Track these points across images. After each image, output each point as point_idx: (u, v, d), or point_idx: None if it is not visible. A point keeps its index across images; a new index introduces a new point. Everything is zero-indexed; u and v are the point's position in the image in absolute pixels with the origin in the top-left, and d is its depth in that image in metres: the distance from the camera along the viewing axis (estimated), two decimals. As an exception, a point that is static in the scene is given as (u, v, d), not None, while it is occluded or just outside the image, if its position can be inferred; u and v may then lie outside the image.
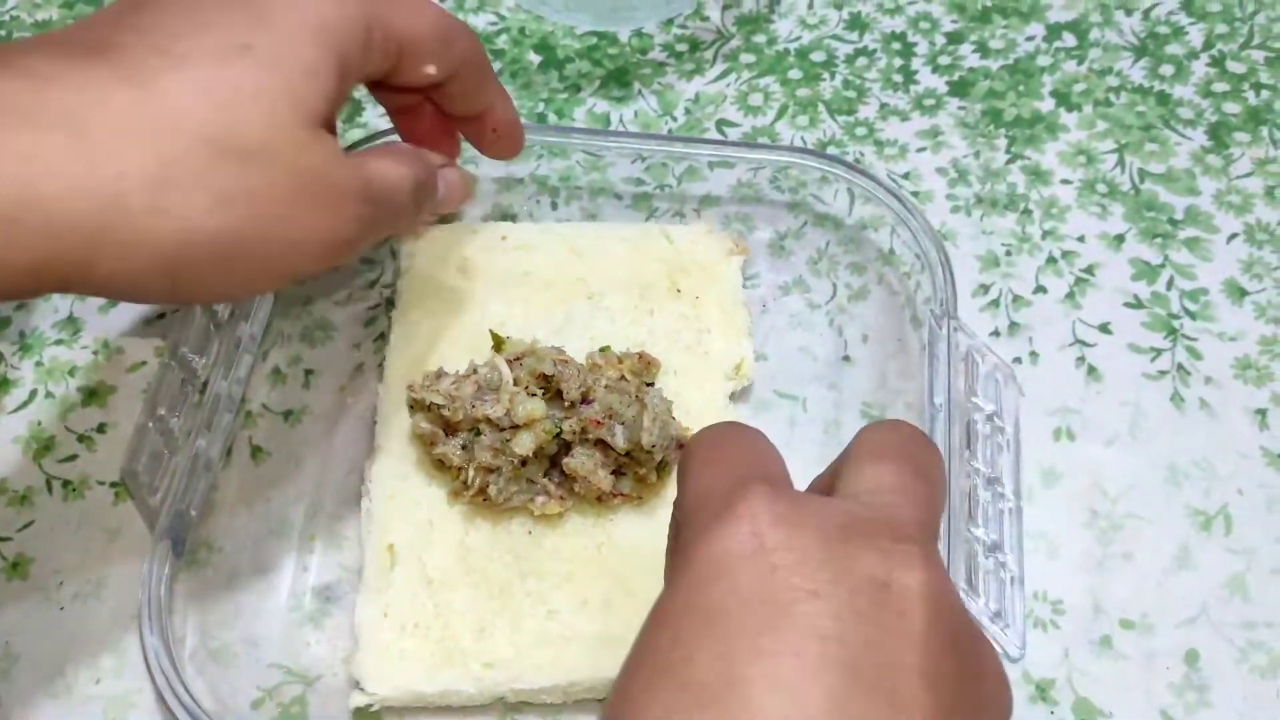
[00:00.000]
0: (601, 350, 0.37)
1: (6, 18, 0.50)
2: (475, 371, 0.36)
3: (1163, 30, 0.47)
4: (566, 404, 0.35)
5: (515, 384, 0.35)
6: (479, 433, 0.34)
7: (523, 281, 0.40)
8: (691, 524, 0.25)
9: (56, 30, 0.29)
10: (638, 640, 0.23)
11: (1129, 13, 0.48)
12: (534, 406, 0.34)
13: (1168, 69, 0.46)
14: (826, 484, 0.27)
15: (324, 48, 0.28)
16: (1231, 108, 0.45)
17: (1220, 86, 0.46)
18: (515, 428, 0.34)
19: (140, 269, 0.26)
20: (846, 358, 0.39)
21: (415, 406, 0.36)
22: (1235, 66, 0.46)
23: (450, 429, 0.35)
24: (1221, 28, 0.47)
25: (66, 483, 0.38)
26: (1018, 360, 0.39)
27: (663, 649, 0.23)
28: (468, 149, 0.38)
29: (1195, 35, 0.47)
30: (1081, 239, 0.42)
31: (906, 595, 0.23)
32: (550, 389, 0.35)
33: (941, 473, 0.27)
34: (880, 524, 0.24)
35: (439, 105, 0.35)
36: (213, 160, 0.26)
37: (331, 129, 0.29)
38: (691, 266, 0.40)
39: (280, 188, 0.27)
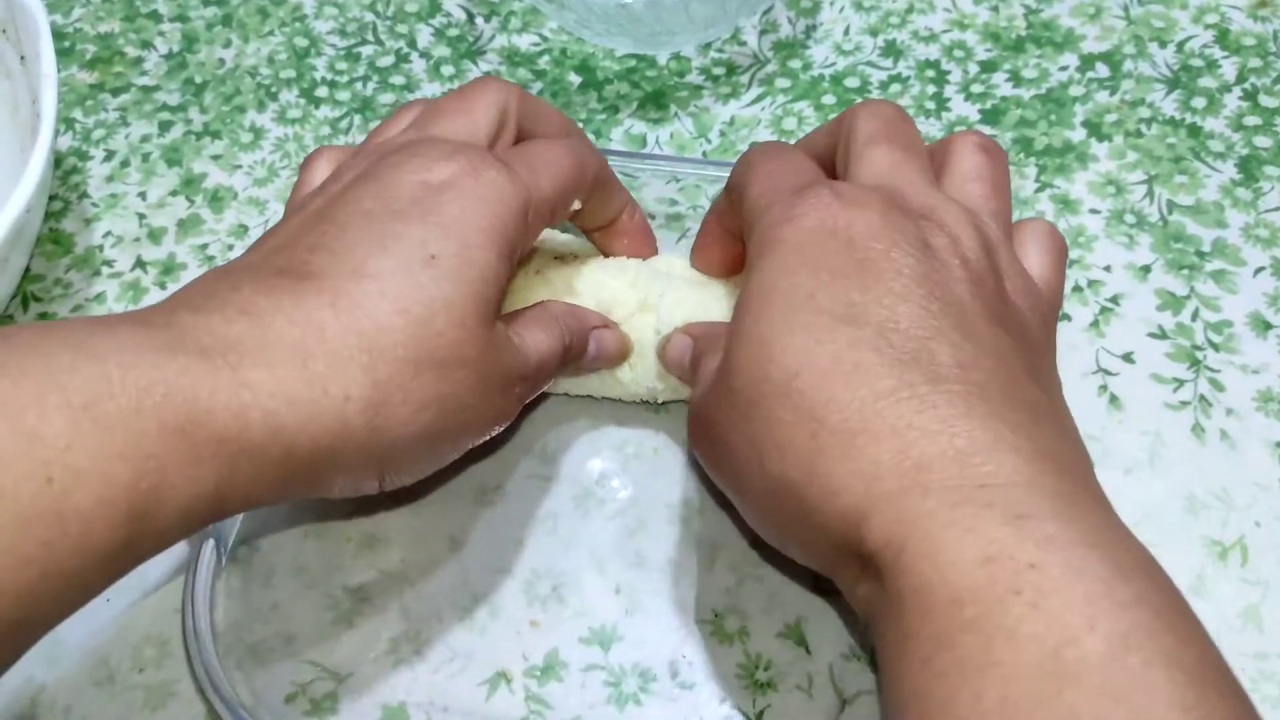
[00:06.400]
0: None
1: (70, 29, 0.52)
2: None
3: (1196, 63, 0.48)
4: None
5: None
6: None
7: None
8: (768, 214, 0.31)
9: (253, 251, 0.32)
10: (751, 296, 0.30)
11: (1163, 45, 0.48)
12: None
13: (1200, 101, 0.47)
14: (825, 148, 0.35)
15: (496, 245, 0.31)
16: (1263, 141, 0.45)
17: (1252, 120, 0.46)
18: None
19: (360, 477, 0.30)
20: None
21: None
22: (1268, 100, 0.47)
23: None
24: (1255, 62, 0.48)
25: (115, 479, 0.39)
26: (1040, 387, 0.40)
27: (784, 291, 0.29)
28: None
29: (1229, 69, 0.48)
30: (1108, 268, 0.43)
31: (942, 250, 0.30)
32: None
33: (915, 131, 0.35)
34: (906, 199, 0.31)
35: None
36: (416, 375, 0.29)
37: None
38: None
39: (467, 387, 0.30)
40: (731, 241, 0.37)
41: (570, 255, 0.39)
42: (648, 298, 0.37)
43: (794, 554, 0.30)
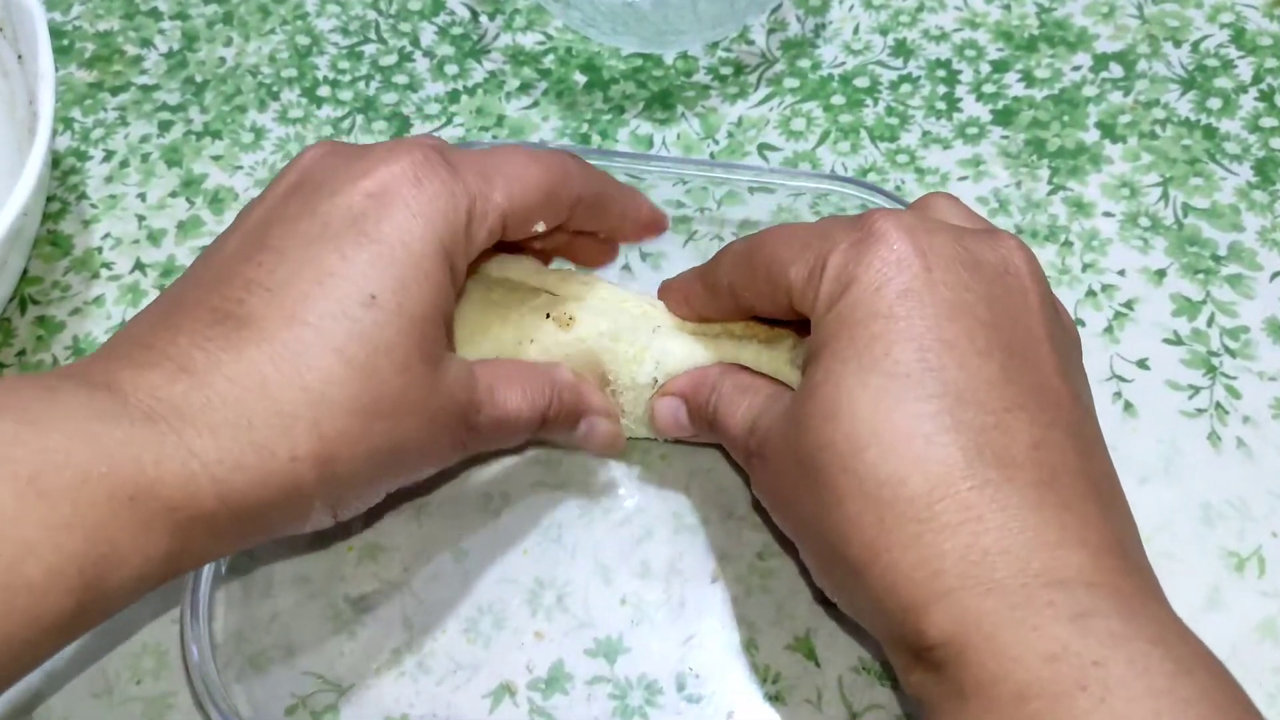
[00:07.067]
0: None
1: (69, 27, 0.51)
2: None
3: (1211, 63, 0.47)
4: None
5: None
6: None
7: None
8: (835, 252, 0.29)
9: (196, 270, 0.31)
10: (823, 347, 0.29)
11: (1177, 45, 0.48)
12: None
13: (1215, 102, 0.46)
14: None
15: (436, 268, 0.30)
16: (1279, 143, 0.45)
17: (1268, 121, 0.45)
18: None
19: (314, 521, 0.30)
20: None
21: None
22: (1284, 101, 0.46)
23: None
24: (1271, 62, 0.47)
25: (114, 486, 0.39)
26: (1053, 393, 0.39)
27: (859, 347, 0.28)
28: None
29: (1244, 69, 0.47)
30: (1122, 273, 0.42)
31: (1020, 274, 0.29)
32: None
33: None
34: (970, 225, 0.31)
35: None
36: (362, 426, 0.28)
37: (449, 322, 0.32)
38: None
39: (413, 430, 0.30)
40: (713, 300, 0.35)
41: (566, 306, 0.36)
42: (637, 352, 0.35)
43: (847, 610, 0.30)
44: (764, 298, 0.32)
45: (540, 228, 0.33)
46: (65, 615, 0.25)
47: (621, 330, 0.35)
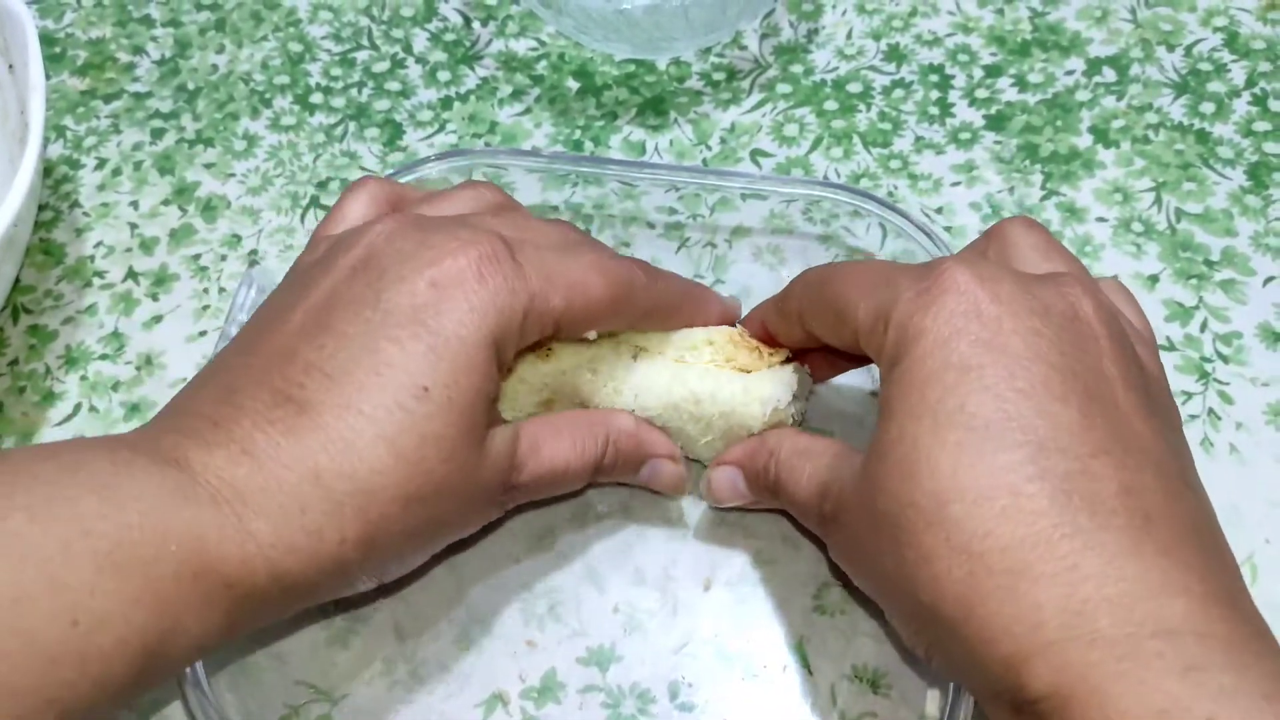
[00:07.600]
0: None
1: (61, 34, 0.51)
2: None
3: (1204, 67, 0.47)
4: None
5: None
6: None
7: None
8: (900, 302, 0.29)
9: (252, 357, 0.31)
10: (895, 403, 0.28)
11: (1171, 49, 0.48)
12: None
13: (1208, 107, 0.46)
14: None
15: (488, 360, 0.31)
16: (1272, 147, 0.45)
17: (1261, 126, 0.45)
18: None
19: (354, 588, 0.31)
20: (874, 393, 0.40)
21: None
22: (1278, 105, 0.46)
23: None
24: (1265, 66, 0.47)
25: (106, 495, 0.39)
26: (1046, 400, 0.39)
27: (932, 402, 0.27)
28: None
29: (1238, 73, 0.47)
30: (1115, 278, 0.42)
31: (1090, 321, 0.29)
32: None
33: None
34: (1043, 257, 0.31)
35: None
36: (405, 509, 0.30)
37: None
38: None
39: (453, 509, 0.31)
40: (783, 325, 0.35)
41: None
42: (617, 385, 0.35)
43: (942, 669, 0.29)
44: (830, 332, 0.33)
45: (592, 336, 0.34)
46: (128, 681, 0.26)
47: (600, 362, 0.35)
